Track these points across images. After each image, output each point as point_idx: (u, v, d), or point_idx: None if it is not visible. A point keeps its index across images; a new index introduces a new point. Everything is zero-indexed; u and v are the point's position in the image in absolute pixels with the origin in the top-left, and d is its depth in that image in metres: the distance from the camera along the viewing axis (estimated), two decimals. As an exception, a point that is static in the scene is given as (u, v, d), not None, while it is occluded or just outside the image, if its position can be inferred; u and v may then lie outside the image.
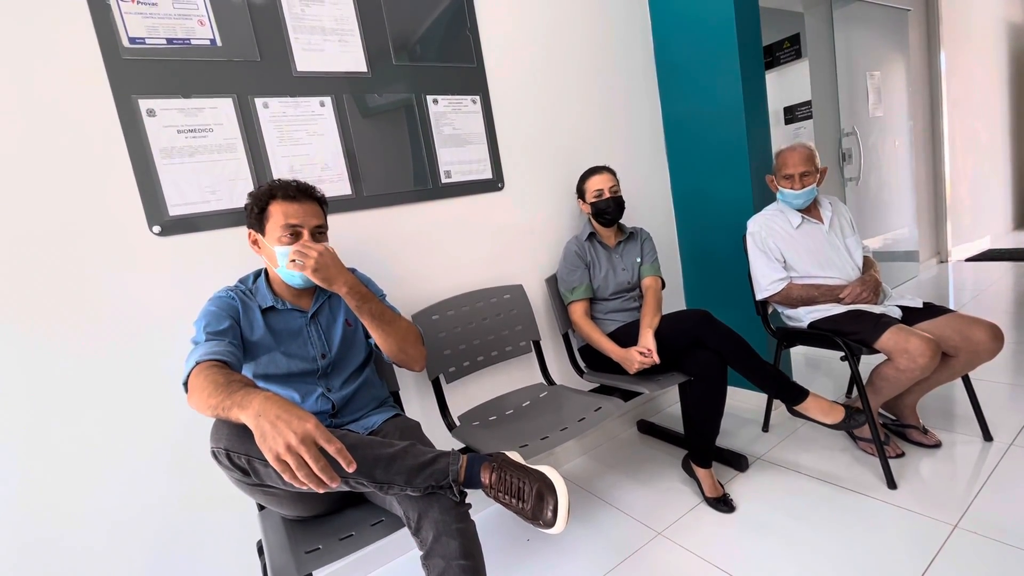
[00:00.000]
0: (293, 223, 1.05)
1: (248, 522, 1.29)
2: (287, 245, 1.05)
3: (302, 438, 0.75)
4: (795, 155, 1.64)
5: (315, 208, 1.10)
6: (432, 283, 1.62)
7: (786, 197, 1.69)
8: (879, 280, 1.65)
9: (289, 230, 1.05)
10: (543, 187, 1.86)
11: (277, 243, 1.06)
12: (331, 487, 0.78)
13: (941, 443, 1.62)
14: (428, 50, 1.58)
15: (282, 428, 0.75)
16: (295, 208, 1.06)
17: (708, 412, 1.50)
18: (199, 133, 1.24)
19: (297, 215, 1.06)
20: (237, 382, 0.85)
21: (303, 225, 1.06)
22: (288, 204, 1.06)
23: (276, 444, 0.74)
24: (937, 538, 1.24)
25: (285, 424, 0.75)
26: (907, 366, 1.40)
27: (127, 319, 1.17)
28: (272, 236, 1.06)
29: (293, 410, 0.78)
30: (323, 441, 0.77)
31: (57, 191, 1.10)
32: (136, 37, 1.17)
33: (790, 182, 1.65)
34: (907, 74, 3.57)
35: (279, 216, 1.05)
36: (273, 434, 0.75)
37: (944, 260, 4.15)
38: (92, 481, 1.14)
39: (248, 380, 0.90)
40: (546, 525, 0.91)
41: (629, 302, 1.75)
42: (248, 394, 0.80)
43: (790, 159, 1.65)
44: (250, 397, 0.79)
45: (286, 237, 1.05)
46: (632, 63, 2.10)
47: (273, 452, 0.74)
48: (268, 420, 0.76)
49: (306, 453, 0.75)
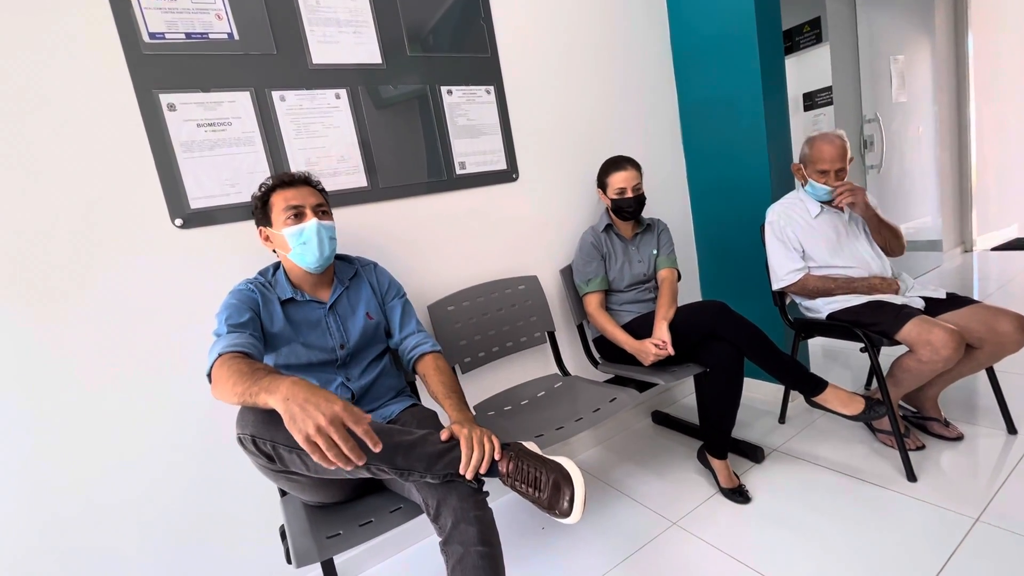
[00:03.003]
0: (294, 204, 1.10)
1: (270, 507, 1.32)
2: (293, 225, 1.09)
3: (331, 419, 0.76)
4: (832, 149, 1.55)
5: (313, 191, 1.15)
6: (447, 274, 1.63)
7: (817, 192, 1.62)
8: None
9: (292, 211, 1.10)
10: (558, 177, 1.85)
11: (283, 226, 1.09)
12: (359, 466, 0.80)
13: (963, 436, 1.59)
14: (442, 40, 1.58)
15: (311, 410, 0.76)
16: (293, 192, 1.12)
17: (724, 403, 1.49)
18: (218, 127, 1.26)
19: (296, 197, 1.11)
20: (262, 370, 0.87)
21: (304, 204, 1.11)
22: (286, 190, 1.12)
23: (306, 426, 0.76)
24: (958, 532, 1.22)
25: (314, 407, 0.77)
26: (930, 358, 1.38)
27: (150, 310, 1.20)
28: (278, 222, 1.11)
29: (320, 392, 0.79)
30: (351, 422, 0.79)
31: (82, 185, 1.13)
32: (156, 32, 1.18)
33: (824, 177, 1.57)
34: (932, 58, 3.45)
35: (280, 202, 1.10)
36: (303, 416, 0.76)
37: (969, 249, 4.04)
38: (119, 466, 1.18)
39: (272, 368, 0.92)
40: (562, 515, 0.92)
41: (644, 294, 1.75)
42: (275, 379, 0.81)
43: (827, 153, 1.56)
44: (277, 382, 0.81)
45: (291, 219, 1.09)
46: (648, 50, 2.07)
47: (303, 434, 0.76)
48: (297, 403, 0.77)
49: (335, 434, 0.76)
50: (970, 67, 3.74)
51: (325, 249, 1.12)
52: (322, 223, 1.11)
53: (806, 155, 1.63)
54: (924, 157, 3.45)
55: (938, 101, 3.53)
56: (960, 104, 3.82)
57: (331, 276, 1.22)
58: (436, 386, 1.17)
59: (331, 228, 1.14)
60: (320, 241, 1.11)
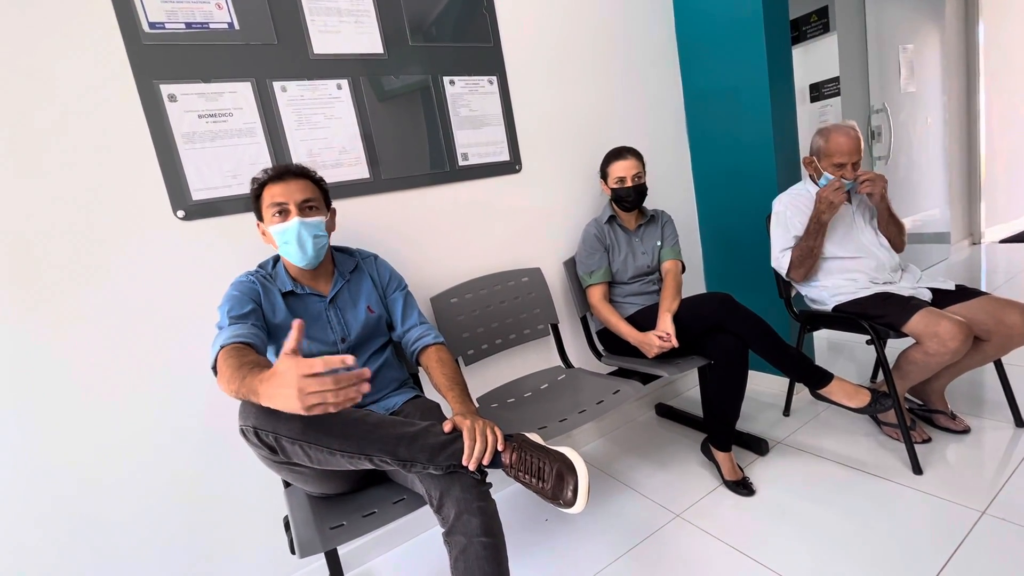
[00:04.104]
0: (278, 201, 1.09)
1: (275, 498, 1.33)
2: (277, 224, 1.09)
3: (300, 385, 0.74)
4: (848, 141, 1.51)
5: (303, 183, 1.12)
6: (450, 266, 1.62)
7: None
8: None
9: (276, 208, 1.09)
10: (561, 168, 1.84)
11: (270, 223, 1.10)
12: (365, 391, 0.78)
13: (970, 429, 1.58)
14: (444, 30, 1.56)
15: (286, 392, 0.75)
16: (279, 188, 1.10)
17: (728, 396, 1.48)
18: (219, 118, 1.25)
19: (281, 194, 1.09)
20: (247, 365, 0.87)
21: (287, 201, 1.09)
22: (273, 186, 1.10)
23: (294, 404, 0.75)
24: (964, 524, 1.22)
25: (283, 387, 0.76)
26: (937, 350, 1.36)
27: (154, 302, 1.20)
28: (266, 219, 1.11)
29: (278, 375, 0.78)
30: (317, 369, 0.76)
31: (84, 177, 1.12)
32: (156, 22, 1.17)
33: (841, 170, 1.53)
34: (942, 47, 3.40)
35: (268, 198, 1.10)
36: (284, 400, 0.76)
37: (977, 242, 4.00)
38: (123, 458, 1.18)
39: (256, 361, 0.90)
40: (566, 504, 0.92)
41: (648, 286, 1.74)
42: (255, 379, 0.81)
43: (844, 146, 1.51)
44: (255, 384, 0.81)
45: (276, 217, 1.09)
46: (652, 38, 2.05)
47: (302, 408, 0.75)
48: (274, 395, 0.77)
49: (317, 386, 0.74)
50: (980, 57, 3.68)
51: (308, 249, 1.10)
52: (305, 221, 1.08)
53: (820, 148, 1.57)
54: (932, 148, 3.40)
55: (947, 91, 3.48)
56: (969, 94, 3.77)
57: (331, 269, 1.22)
58: (439, 378, 1.16)
59: (315, 225, 1.11)
60: (300, 241, 1.09)
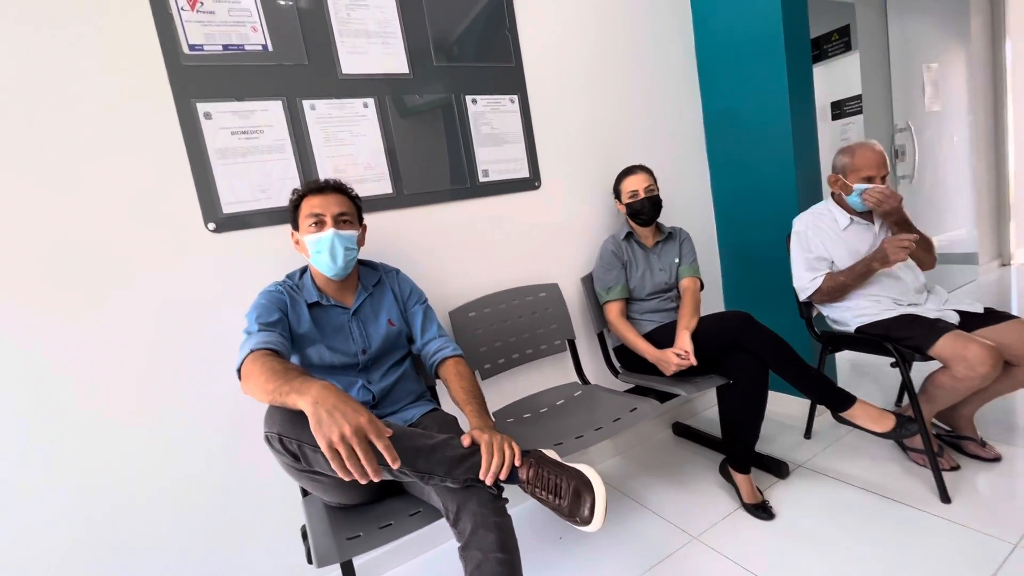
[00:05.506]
0: (316, 212, 1.13)
1: (293, 508, 1.34)
2: (312, 233, 1.12)
3: (355, 430, 0.78)
4: (875, 155, 1.50)
5: (340, 198, 1.17)
6: (469, 280, 1.64)
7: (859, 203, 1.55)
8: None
9: (313, 218, 1.13)
10: (580, 186, 1.85)
11: (306, 233, 1.13)
12: (373, 480, 0.81)
13: (1001, 457, 1.52)
14: (467, 50, 1.60)
15: (338, 418, 0.79)
16: (318, 200, 1.14)
17: (748, 416, 1.46)
18: (251, 135, 1.30)
19: (319, 205, 1.13)
20: (294, 370, 0.89)
21: (325, 213, 1.13)
22: (312, 197, 1.15)
23: (331, 432, 0.78)
24: (996, 557, 1.17)
25: (341, 414, 0.79)
26: (965, 375, 1.33)
27: (184, 310, 1.24)
28: (303, 229, 1.14)
29: (349, 402, 0.81)
30: (373, 436, 0.81)
31: (123, 190, 1.18)
32: (195, 44, 1.23)
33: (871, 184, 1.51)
34: (968, 66, 3.35)
35: (306, 208, 1.14)
36: (329, 422, 0.78)
37: (1007, 263, 3.89)
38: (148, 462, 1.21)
39: (303, 369, 0.94)
40: (583, 522, 0.92)
41: (666, 303, 1.73)
42: (306, 381, 0.84)
43: (871, 160, 1.50)
44: (308, 384, 0.83)
45: (312, 227, 1.13)
46: (672, 57, 2.07)
47: (326, 440, 0.78)
48: (325, 408, 0.79)
49: (357, 445, 0.78)
50: (1007, 74, 3.62)
51: (339, 259, 1.14)
52: (339, 233, 1.13)
53: (846, 164, 1.56)
54: (959, 167, 3.34)
55: (973, 110, 3.42)
56: (997, 112, 3.70)
57: (355, 281, 1.25)
58: (457, 391, 1.17)
59: (348, 238, 1.15)
60: (333, 252, 1.13)
